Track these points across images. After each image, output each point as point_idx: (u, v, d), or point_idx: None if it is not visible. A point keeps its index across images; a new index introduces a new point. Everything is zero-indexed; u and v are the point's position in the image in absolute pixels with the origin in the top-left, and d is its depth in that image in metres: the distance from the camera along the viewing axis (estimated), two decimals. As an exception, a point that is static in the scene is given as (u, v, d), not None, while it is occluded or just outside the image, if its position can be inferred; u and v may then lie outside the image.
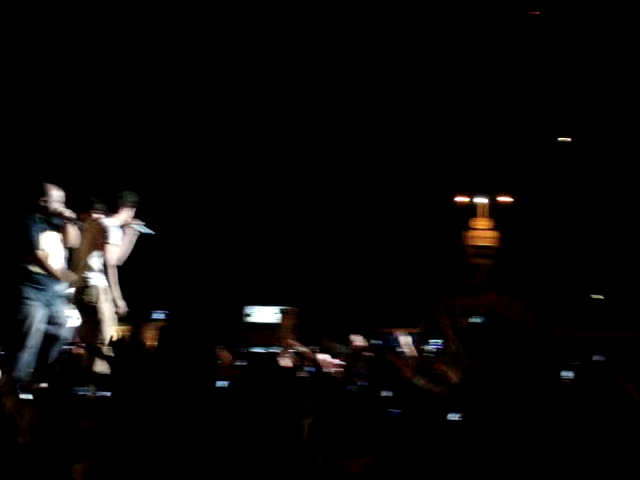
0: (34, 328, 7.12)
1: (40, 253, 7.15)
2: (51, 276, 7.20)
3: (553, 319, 20.51)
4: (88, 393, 5.59)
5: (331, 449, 4.61)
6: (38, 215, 7.22)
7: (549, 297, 23.48)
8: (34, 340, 7.09)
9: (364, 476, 4.30)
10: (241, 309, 27.35)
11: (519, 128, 25.48)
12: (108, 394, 5.16)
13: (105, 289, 7.49)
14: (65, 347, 7.50)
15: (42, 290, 7.23)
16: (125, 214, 7.78)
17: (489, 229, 26.39)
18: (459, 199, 26.49)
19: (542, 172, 25.52)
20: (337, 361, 9.75)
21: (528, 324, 15.90)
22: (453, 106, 25.29)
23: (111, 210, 7.73)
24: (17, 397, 5.20)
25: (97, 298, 7.43)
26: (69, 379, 7.14)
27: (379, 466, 4.28)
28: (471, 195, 26.42)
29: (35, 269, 7.21)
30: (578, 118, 25.13)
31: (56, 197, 7.32)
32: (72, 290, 7.49)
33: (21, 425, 4.87)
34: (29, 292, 7.15)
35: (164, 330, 4.64)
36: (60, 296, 7.35)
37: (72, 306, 7.53)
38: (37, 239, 7.16)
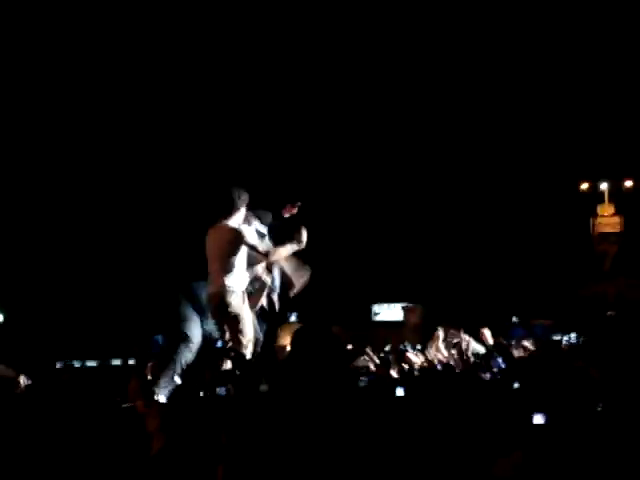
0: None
1: None
2: None
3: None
4: (225, 393, 5.69)
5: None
6: None
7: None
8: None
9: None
10: (369, 307, 27.26)
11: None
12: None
13: (243, 292, 7.61)
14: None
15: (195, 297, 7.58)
16: (242, 213, 7.84)
17: (614, 215, 26.02)
18: (583, 186, 26.25)
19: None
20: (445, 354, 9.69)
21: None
22: (575, 87, 24.68)
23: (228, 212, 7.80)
24: (147, 401, 5.30)
25: (238, 304, 7.53)
26: (209, 380, 7.40)
27: (529, 465, 4.16)
28: (595, 181, 26.14)
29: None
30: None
31: None
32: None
33: (150, 429, 4.99)
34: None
35: (298, 333, 4.66)
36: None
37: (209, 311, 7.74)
38: None
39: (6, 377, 7.99)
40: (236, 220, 7.67)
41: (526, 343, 9.58)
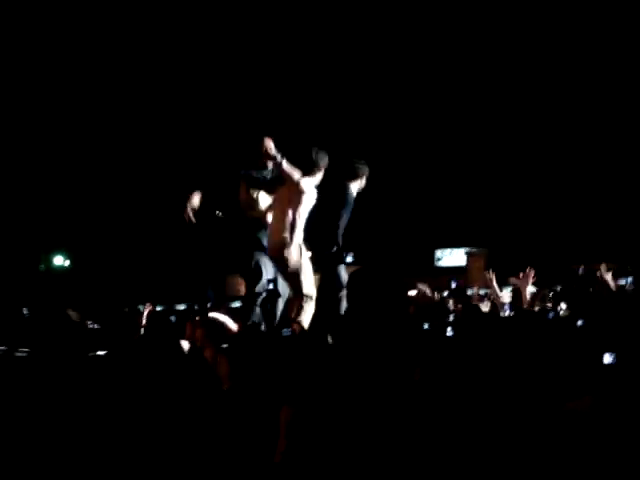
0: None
1: None
2: None
3: None
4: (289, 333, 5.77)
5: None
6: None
7: None
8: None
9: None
10: (432, 253, 27.13)
11: None
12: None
13: (300, 245, 7.68)
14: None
15: None
16: (319, 175, 7.92)
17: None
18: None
19: None
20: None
21: None
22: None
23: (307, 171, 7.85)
24: (215, 348, 5.37)
25: (297, 256, 7.62)
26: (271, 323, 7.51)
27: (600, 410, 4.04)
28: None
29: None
30: None
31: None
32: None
33: (220, 374, 5.05)
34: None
35: (354, 275, 4.58)
36: None
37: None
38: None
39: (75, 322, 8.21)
40: (311, 181, 7.75)
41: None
